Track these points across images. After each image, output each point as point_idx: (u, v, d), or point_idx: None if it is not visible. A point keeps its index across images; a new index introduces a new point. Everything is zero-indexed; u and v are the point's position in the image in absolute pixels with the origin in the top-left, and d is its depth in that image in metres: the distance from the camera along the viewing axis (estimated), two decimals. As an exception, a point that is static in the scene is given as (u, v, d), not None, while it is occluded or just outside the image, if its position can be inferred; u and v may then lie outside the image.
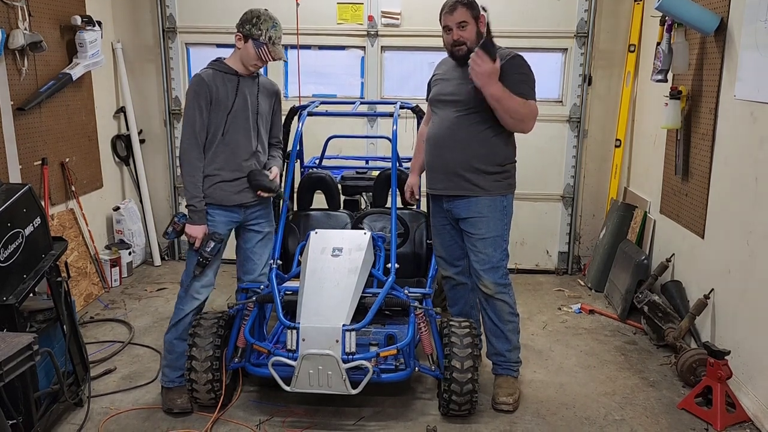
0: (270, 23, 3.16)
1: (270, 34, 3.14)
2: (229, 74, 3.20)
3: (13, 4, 3.93)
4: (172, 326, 3.26)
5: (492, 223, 3.22)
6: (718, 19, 3.57)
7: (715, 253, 3.66)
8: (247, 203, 3.30)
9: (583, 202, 5.52)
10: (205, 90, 3.12)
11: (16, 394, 2.66)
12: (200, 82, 3.14)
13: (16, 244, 2.77)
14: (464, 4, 3.11)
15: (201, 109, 3.12)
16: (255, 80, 3.30)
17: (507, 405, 3.25)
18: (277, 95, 3.46)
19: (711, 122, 3.69)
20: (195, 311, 3.23)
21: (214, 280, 3.29)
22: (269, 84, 3.41)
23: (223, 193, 3.21)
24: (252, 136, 3.26)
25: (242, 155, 3.23)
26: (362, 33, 5.29)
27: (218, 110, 3.15)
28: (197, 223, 3.17)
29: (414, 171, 3.65)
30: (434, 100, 3.33)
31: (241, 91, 3.20)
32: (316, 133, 4.95)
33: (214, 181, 3.20)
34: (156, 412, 3.23)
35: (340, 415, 3.21)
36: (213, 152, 3.18)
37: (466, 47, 3.13)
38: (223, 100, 3.16)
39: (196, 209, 3.16)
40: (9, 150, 3.98)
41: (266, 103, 3.35)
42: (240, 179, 3.24)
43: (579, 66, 5.22)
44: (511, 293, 3.32)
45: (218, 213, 3.24)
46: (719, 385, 3.15)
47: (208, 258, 3.18)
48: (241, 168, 3.23)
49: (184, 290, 3.24)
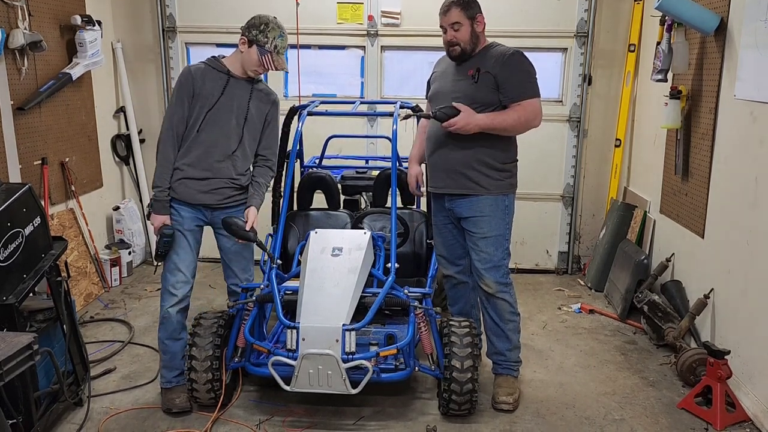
0: (278, 32, 3.12)
1: (276, 42, 3.11)
2: (221, 72, 3.16)
3: (13, 4, 3.92)
4: (160, 324, 3.25)
5: (494, 222, 3.23)
6: (718, 18, 3.57)
7: (715, 253, 3.66)
8: (213, 205, 3.22)
9: (583, 201, 5.52)
10: (190, 82, 3.09)
11: (16, 394, 2.66)
12: (186, 74, 3.12)
13: (16, 243, 2.77)
14: (458, 4, 3.12)
15: (182, 101, 3.10)
16: (250, 85, 3.23)
17: (507, 404, 3.25)
18: (274, 105, 3.34)
19: (711, 122, 3.69)
20: (177, 308, 3.18)
21: (190, 277, 3.23)
22: (266, 92, 3.31)
23: (187, 189, 3.16)
24: (232, 139, 3.17)
25: (216, 156, 3.15)
26: (362, 33, 5.29)
27: (199, 105, 3.11)
28: (158, 212, 3.14)
29: (413, 161, 3.60)
30: (434, 97, 3.33)
31: (230, 91, 3.15)
32: (316, 133, 4.95)
33: (180, 176, 3.15)
34: (156, 412, 3.23)
35: (340, 414, 3.21)
36: (187, 147, 3.14)
37: (459, 48, 3.15)
38: (207, 95, 3.11)
39: (158, 199, 3.13)
40: (9, 149, 3.98)
41: (258, 111, 3.25)
42: (209, 179, 3.16)
43: (579, 66, 5.22)
44: (512, 292, 3.32)
45: (183, 209, 3.19)
46: (719, 384, 3.15)
47: (158, 250, 3.16)
48: (213, 168, 3.16)
49: (162, 286, 3.24)
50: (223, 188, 3.21)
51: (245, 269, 3.42)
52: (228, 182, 3.21)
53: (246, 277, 3.43)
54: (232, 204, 3.27)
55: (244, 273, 3.42)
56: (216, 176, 3.18)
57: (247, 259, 3.42)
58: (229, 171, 3.20)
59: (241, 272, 3.41)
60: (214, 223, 3.29)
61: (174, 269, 3.19)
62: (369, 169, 4.74)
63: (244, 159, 3.26)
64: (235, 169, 3.22)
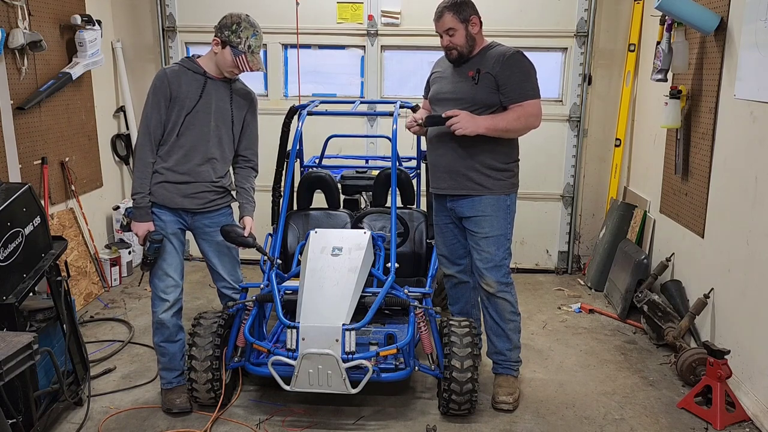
0: (251, 31, 3.01)
1: (250, 42, 3.00)
2: (197, 74, 3.08)
3: (13, 3, 3.92)
4: (155, 330, 3.21)
5: (495, 221, 3.23)
6: (717, 18, 3.57)
7: (715, 253, 3.66)
8: (193, 209, 3.16)
9: (582, 201, 5.52)
10: (165, 86, 3.01)
11: (15, 393, 2.66)
12: (162, 77, 3.04)
13: (16, 243, 2.77)
14: (450, 9, 3.11)
15: (159, 105, 3.02)
16: (228, 85, 3.15)
17: (507, 404, 3.25)
18: (253, 103, 3.28)
19: (711, 122, 3.69)
20: (170, 313, 3.15)
21: (179, 280, 3.20)
22: (245, 91, 3.24)
23: (166, 193, 3.10)
24: (212, 142, 3.11)
25: (196, 159, 3.09)
26: (362, 32, 5.29)
27: (177, 109, 3.03)
28: (139, 220, 3.08)
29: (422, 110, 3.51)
30: (434, 99, 3.32)
31: (208, 93, 3.08)
32: (316, 133, 4.94)
33: (159, 179, 3.08)
34: (156, 412, 3.23)
35: (340, 414, 3.21)
36: (166, 151, 3.07)
37: (457, 52, 3.16)
38: (184, 99, 3.03)
39: (140, 206, 3.07)
40: (9, 149, 3.98)
41: (239, 112, 3.20)
42: (190, 183, 3.10)
43: (579, 65, 5.22)
44: (513, 292, 3.32)
45: (164, 213, 3.13)
46: (719, 384, 3.15)
47: (148, 258, 3.11)
48: (193, 172, 3.10)
49: (152, 292, 3.19)
50: (203, 192, 3.16)
51: (232, 271, 3.36)
52: (209, 186, 3.16)
53: (235, 278, 3.37)
54: (212, 208, 3.21)
55: (231, 275, 3.36)
56: (196, 180, 3.12)
57: (231, 261, 3.35)
58: (209, 174, 3.15)
59: (229, 274, 3.34)
60: (194, 228, 3.24)
61: (162, 275, 3.14)
62: (369, 168, 4.74)
63: (224, 162, 3.21)
64: (216, 172, 3.17)
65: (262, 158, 3.44)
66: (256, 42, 3.03)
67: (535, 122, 3.14)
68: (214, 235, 3.24)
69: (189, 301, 4.76)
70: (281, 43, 5.34)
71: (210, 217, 3.22)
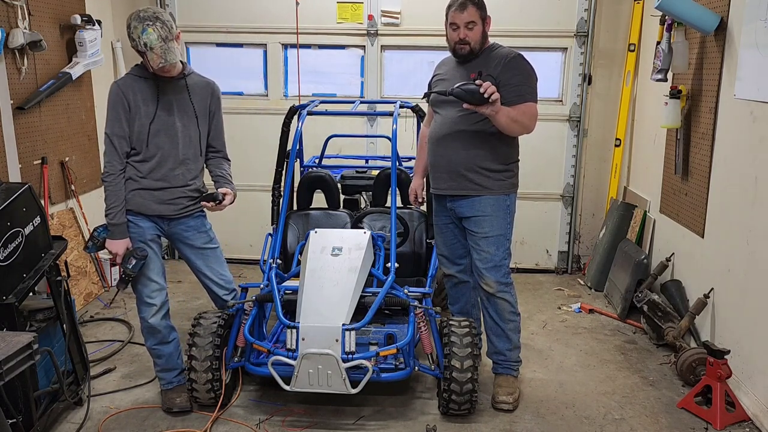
0: (140, 28, 2.80)
1: (144, 40, 2.81)
2: (148, 79, 2.98)
3: (12, 3, 3.92)
4: (146, 335, 3.19)
5: (495, 221, 3.23)
6: (717, 18, 3.57)
7: (715, 253, 3.66)
8: (169, 215, 3.12)
9: (582, 201, 5.52)
10: (121, 98, 2.94)
11: (15, 393, 2.66)
12: (116, 92, 2.95)
13: (16, 243, 2.77)
14: (475, 3, 3.09)
15: (119, 119, 2.95)
16: (181, 81, 3.05)
17: (507, 404, 3.25)
18: (214, 94, 3.17)
19: (711, 121, 3.69)
20: (159, 316, 3.12)
21: (164, 283, 3.17)
22: (204, 83, 3.15)
23: (142, 200, 3.05)
24: (181, 144, 3.06)
25: (169, 164, 3.05)
26: (362, 32, 5.29)
27: (138, 120, 2.97)
28: (117, 237, 3.01)
29: (417, 174, 3.63)
30: (436, 101, 3.32)
31: (164, 95, 3.00)
32: (316, 133, 4.94)
33: (135, 187, 3.03)
34: (156, 411, 3.23)
35: (340, 414, 3.21)
36: (138, 160, 3.02)
37: (469, 47, 3.13)
38: (143, 107, 2.97)
39: (116, 223, 3.00)
40: (9, 149, 3.98)
41: (202, 105, 3.12)
42: (165, 189, 3.06)
43: (579, 65, 5.22)
44: (512, 292, 3.32)
45: (141, 219, 3.08)
46: (719, 384, 3.15)
47: (132, 275, 3.03)
48: (167, 178, 3.05)
49: (137, 299, 3.16)
50: (179, 198, 3.12)
51: (219, 269, 3.31)
52: (184, 191, 3.12)
53: (223, 276, 3.32)
54: (186, 214, 3.18)
55: (219, 274, 3.30)
56: (172, 185, 3.07)
57: (216, 260, 3.30)
58: (184, 178, 3.10)
59: (215, 273, 3.29)
60: (172, 234, 3.20)
61: (146, 280, 3.11)
62: (369, 168, 4.74)
63: (197, 161, 3.17)
64: (190, 173, 3.12)
65: (262, 158, 3.44)
66: (148, 37, 2.79)
67: (531, 125, 3.12)
68: (193, 239, 3.22)
69: (189, 301, 4.76)
70: (281, 43, 5.34)
71: (185, 223, 3.19)
